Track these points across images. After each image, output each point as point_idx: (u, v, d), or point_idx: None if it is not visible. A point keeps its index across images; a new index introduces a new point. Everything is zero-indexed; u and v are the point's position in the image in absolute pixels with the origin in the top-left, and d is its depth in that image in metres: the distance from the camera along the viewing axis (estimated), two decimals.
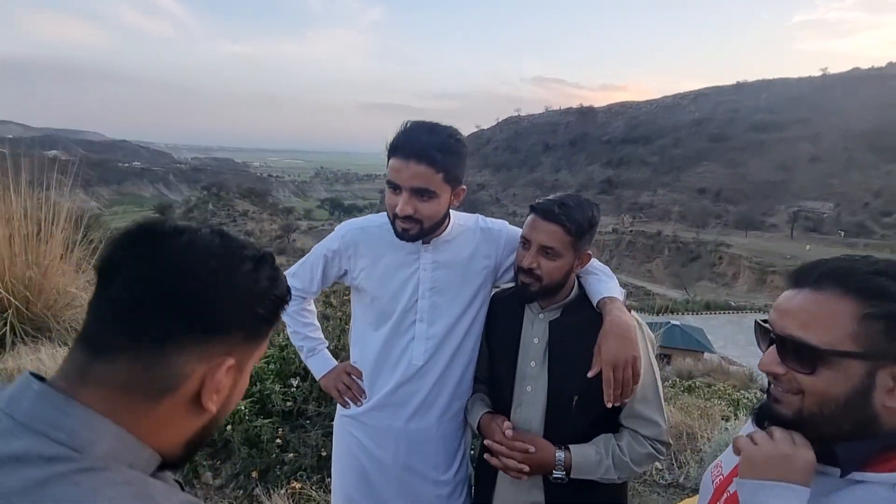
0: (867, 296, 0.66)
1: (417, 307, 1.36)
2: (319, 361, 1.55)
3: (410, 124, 1.26)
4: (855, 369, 0.66)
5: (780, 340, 0.72)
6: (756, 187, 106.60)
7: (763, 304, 48.90)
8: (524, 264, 1.23)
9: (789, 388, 0.72)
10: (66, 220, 5.24)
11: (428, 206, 1.25)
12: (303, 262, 1.51)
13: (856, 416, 0.67)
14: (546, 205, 1.22)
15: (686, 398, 6.72)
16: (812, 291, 0.70)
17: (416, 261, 1.37)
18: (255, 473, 2.47)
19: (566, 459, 1.19)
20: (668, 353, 19.56)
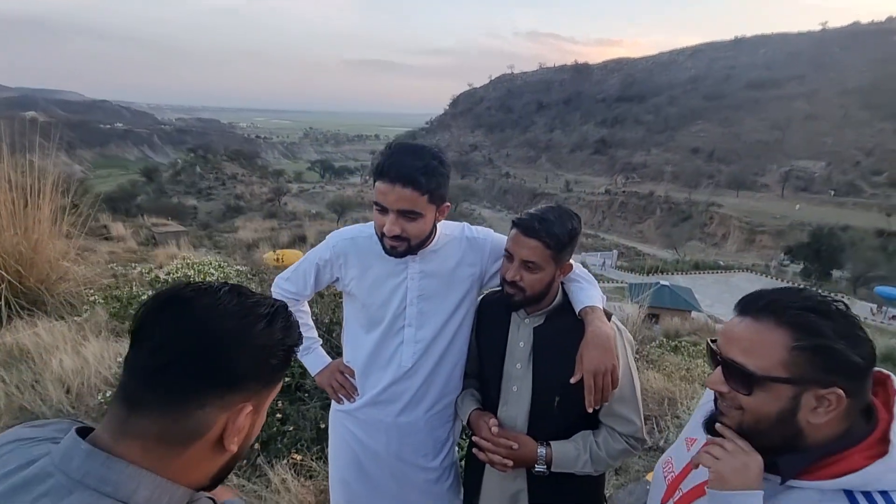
0: (797, 329, 0.76)
1: (406, 313, 1.44)
2: (314, 359, 1.63)
3: (395, 147, 1.32)
4: (784, 392, 0.77)
5: (725, 364, 0.83)
6: (749, 147, 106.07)
7: (751, 264, 49.75)
8: (508, 277, 1.30)
9: (732, 405, 0.84)
10: (52, 188, 5.16)
11: (414, 226, 1.32)
12: (296, 267, 1.58)
13: (784, 430, 0.79)
14: (527, 221, 1.28)
15: (671, 357, 6.96)
16: (753, 321, 0.81)
17: (405, 270, 1.43)
18: (258, 445, 2.58)
19: (547, 455, 1.29)
20: (656, 312, 20.02)
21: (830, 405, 0.75)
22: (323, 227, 42.05)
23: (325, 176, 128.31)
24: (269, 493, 2.29)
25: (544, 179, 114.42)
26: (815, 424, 0.77)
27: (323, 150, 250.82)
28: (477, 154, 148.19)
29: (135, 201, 48.63)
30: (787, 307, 0.78)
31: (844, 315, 0.78)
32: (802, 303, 0.78)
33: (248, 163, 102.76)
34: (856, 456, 0.76)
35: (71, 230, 5.57)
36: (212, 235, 31.56)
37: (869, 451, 0.76)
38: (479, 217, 75.57)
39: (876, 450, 0.76)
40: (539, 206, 1.33)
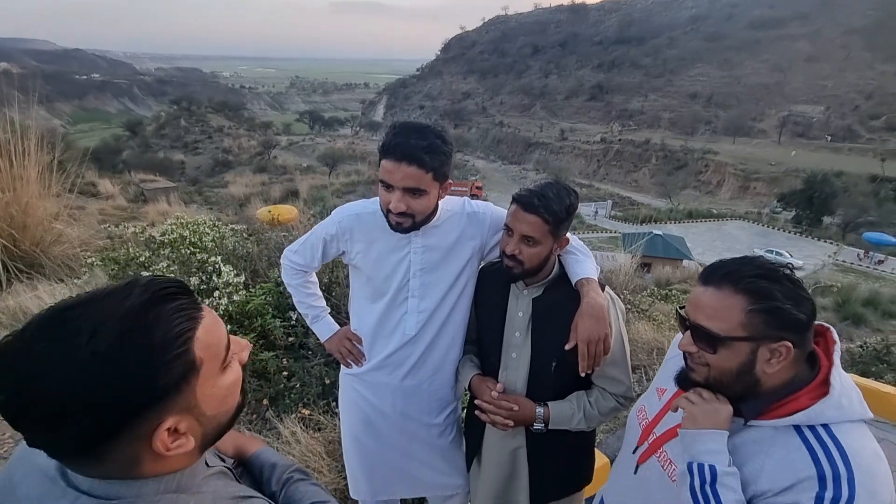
0: (752, 295, 0.89)
1: (409, 285, 1.51)
2: (323, 326, 1.71)
3: (400, 127, 1.35)
4: (743, 348, 0.91)
5: (692, 328, 0.97)
6: (749, 91, 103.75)
7: (744, 212, 50.03)
8: (507, 251, 1.36)
9: (699, 362, 0.97)
10: (37, 146, 5.03)
11: (419, 203, 1.37)
12: (304, 240, 1.63)
13: (744, 381, 0.93)
14: (527, 197, 1.33)
15: (661, 306, 7.17)
16: (715, 290, 0.94)
17: (408, 245, 1.49)
18: (266, 401, 2.70)
19: (545, 414, 1.39)
20: (648, 262, 20.33)
21: (781, 356, 0.89)
22: (315, 181, 41.44)
23: (314, 127, 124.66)
24: (280, 445, 2.43)
25: (539, 128, 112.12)
26: (769, 373, 0.91)
27: (311, 99, 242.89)
28: (470, 102, 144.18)
29: (120, 157, 47.53)
30: (742, 276, 0.90)
31: (790, 279, 0.91)
32: (755, 271, 0.90)
33: (233, 115, 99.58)
34: (803, 398, 0.90)
35: (60, 189, 5.49)
36: (202, 191, 31.11)
37: (813, 393, 0.91)
38: (473, 168, 74.65)
39: (819, 391, 0.90)
40: (538, 183, 1.38)
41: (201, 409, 0.62)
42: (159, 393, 0.56)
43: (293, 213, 12.33)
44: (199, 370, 0.60)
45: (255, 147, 71.21)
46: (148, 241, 5.35)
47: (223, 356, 0.64)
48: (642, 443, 1.15)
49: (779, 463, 0.88)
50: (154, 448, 0.58)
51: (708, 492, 0.89)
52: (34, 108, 6.54)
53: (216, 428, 0.66)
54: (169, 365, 0.56)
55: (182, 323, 0.58)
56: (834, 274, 27.08)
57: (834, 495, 0.81)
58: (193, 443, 0.62)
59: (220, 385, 0.64)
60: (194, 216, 7.20)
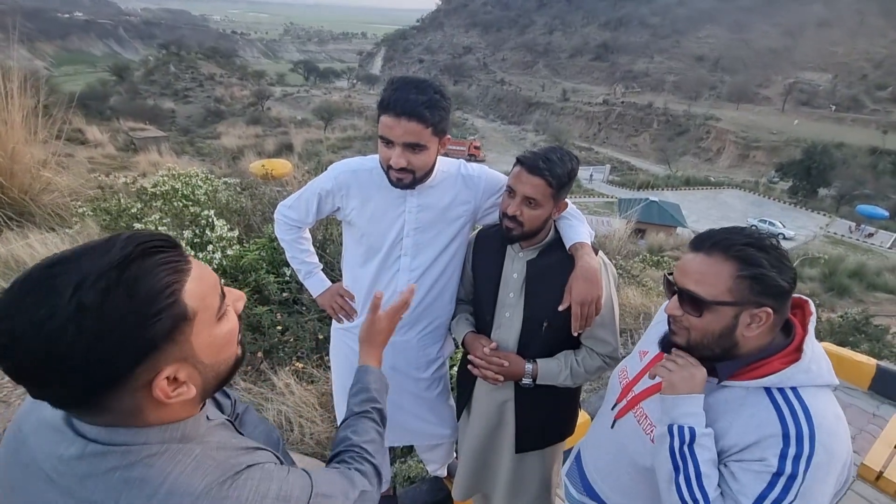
0: (741, 262, 0.93)
1: (403, 244, 1.53)
2: (316, 282, 1.73)
3: (399, 82, 1.35)
4: (727, 312, 0.96)
5: (680, 292, 1.01)
6: (757, 55, 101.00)
7: (741, 180, 49.87)
8: (509, 211, 1.38)
9: (682, 325, 1.02)
10: (20, 89, 4.86)
11: (419, 158, 1.38)
12: (299, 195, 1.62)
13: (724, 343, 0.98)
14: (532, 159, 1.35)
15: (652, 272, 7.26)
16: (705, 256, 0.98)
17: (403, 203, 1.51)
18: (261, 354, 2.76)
19: (533, 370, 1.46)
20: (643, 228, 20.45)
21: (761, 321, 0.94)
22: (310, 135, 40.56)
23: (309, 79, 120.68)
24: (274, 395, 2.50)
25: (541, 87, 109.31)
26: (748, 337, 0.96)
27: (306, 48, 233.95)
28: (471, 57, 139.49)
29: (107, 103, 46.05)
30: (733, 244, 0.95)
31: (776, 248, 0.95)
32: (745, 240, 0.95)
33: (225, 62, 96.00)
34: (775, 362, 0.97)
35: (46, 136, 5.35)
36: (193, 141, 30.43)
37: (786, 359, 0.97)
38: (472, 127, 73.24)
39: (791, 357, 0.97)
40: (542, 147, 1.40)
41: (199, 358, 0.64)
42: (150, 345, 0.57)
43: (287, 168, 12.14)
44: (193, 320, 0.61)
45: (249, 97, 69.12)
46: (139, 192, 5.28)
47: (217, 306, 0.65)
48: (621, 400, 1.22)
49: (747, 421, 0.94)
50: (155, 397, 0.60)
51: (686, 452, 0.95)
52: (15, 47, 6.26)
53: (216, 377, 0.68)
54: (156, 317, 0.57)
55: (167, 276, 0.59)
56: (824, 245, 27.40)
57: (796, 452, 0.87)
58: (194, 391, 0.64)
59: (217, 334, 0.65)
60: (187, 168, 7.08)
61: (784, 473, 0.88)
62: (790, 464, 0.88)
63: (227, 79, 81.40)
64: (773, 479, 0.89)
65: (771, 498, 0.88)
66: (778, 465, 0.88)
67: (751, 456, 0.92)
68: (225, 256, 3.24)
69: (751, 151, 64.15)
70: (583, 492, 1.30)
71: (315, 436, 2.38)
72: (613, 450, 1.21)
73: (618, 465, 1.19)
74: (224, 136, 34.13)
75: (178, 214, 4.53)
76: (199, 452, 0.63)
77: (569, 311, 1.37)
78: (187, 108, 63.76)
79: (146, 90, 69.97)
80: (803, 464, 0.87)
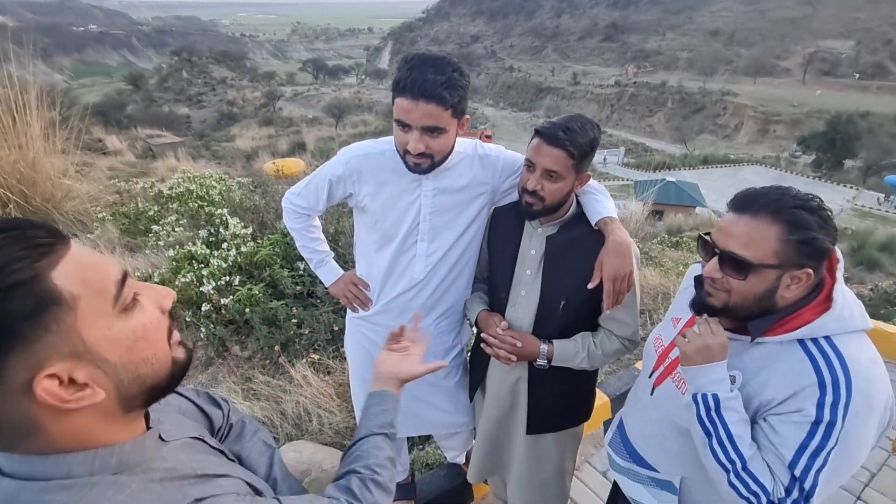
0: (791, 225, 0.91)
1: (419, 229, 1.46)
2: (328, 271, 1.69)
3: (414, 60, 1.26)
4: (770, 275, 0.95)
5: (723, 255, 0.98)
6: (774, 26, 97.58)
7: (761, 156, 48.47)
8: (529, 186, 1.30)
9: (721, 288, 1.00)
10: (38, 101, 4.99)
11: (438, 142, 1.31)
12: (307, 182, 1.55)
13: (764, 304, 0.98)
14: (551, 129, 1.26)
15: (671, 253, 7.14)
16: (751, 218, 0.95)
17: (419, 187, 1.43)
18: (278, 348, 2.80)
19: (549, 351, 1.39)
20: (660, 209, 20.05)
21: (801, 282, 0.94)
22: (322, 133, 40.77)
23: (318, 77, 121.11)
24: (292, 388, 2.54)
25: (550, 72, 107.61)
26: (786, 297, 0.96)
27: (313, 47, 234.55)
28: (478, 46, 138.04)
29: (124, 111, 46.97)
30: (783, 206, 0.92)
31: (822, 208, 0.93)
32: (794, 202, 0.93)
33: (236, 65, 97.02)
34: (806, 313, 0.96)
35: (66, 146, 5.49)
36: (209, 145, 30.88)
37: (817, 308, 0.96)
38: (482, 116, 72.69)
39: (822, 307, 0.96)
40: (561, 116, 1.30)
41: (100, 355, 0.54)
42: (7, 331, 0.48)
43: (300, 167, 12.25)
44: (75, 307, 0.52)
45: (260, 98, 69.76)
46: (157, 195, 5.40)
47: (113, 293, 0.55)
48: (658, 367, 1.21)
49: (783, 374, 0.94)
50: (40, 399, 0.49)
51: (714, 417, 0.97)
52: (32, 62, 6.42)
53: (137, 381, 0.57)
54: (6, 295, 0.48)
55: (21, 251, 0.50)
56: (851, 219, 26.51)
57: (834, 399, 0.88)
58: (102, 394, 0.54)
59: (120, 328, 0.55)
60: (202, 171, 7.19)
61: (823, 421, 0.88)
62: (828, 411, 0.88)
63: (238, 81, 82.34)
64: (813, 428, 0.89)
65: (812, 446, 0.89)
66: (816, 414, 0.89)
67: (789, 408, 0.92)
68: (239, 253, 3.28)
69: (771, 126, 62.25)
70: (629, 459, 1.29)
71: (333, 426, 2.40)
72: (656, 416, 1.20)
73: (662, 430, 1.18)
74: (238, 139, 34.56)
75: (194, 215, 4.61)
76: (135, 487, 0.54)
77: (588, 290, 1.32)
78: (201, 112, 64.69)
79: (161, 97, 71.19)
80: (841, 410, 0.87)
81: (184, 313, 3.06)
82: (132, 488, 0.53)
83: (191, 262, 3.30)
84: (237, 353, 2.97)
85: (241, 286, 3.05)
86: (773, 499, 0.93)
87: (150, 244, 4.02)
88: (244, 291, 2.98)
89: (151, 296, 0.61)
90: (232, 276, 3.13)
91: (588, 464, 2.44)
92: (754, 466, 0.94)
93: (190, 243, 3.55)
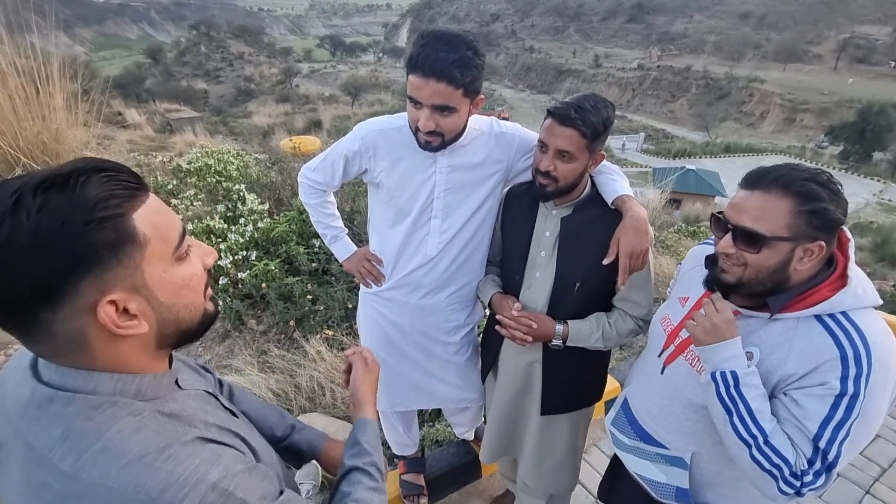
0: (801, 197, 0.94)
1: (433, 206, 1.47)
2: (342, 247, 1.71)
3: (428, 37, 1.25)
4: (783, 248, 0.97)
5: (736, 230, 1.01)
6: (807, 9, 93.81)
7: (786, 146, 47.13)
8: (542, 167, 1.30)
9: (736, 263, 1.02)
10: (60, 73, 5.04)
11: (449, 121, 1.31)
12: (323, 158, 1.56)
13: (777, 277, 1.00)
14: (563, 109, 1.25)
15: (687, 242, 7.04)
16: (763, 193, 0.98)
17: (433, 164, 1.44)
18: (293, 323, 2.85)
19: (564, 332, 1.40)
20: (679, 198, 19.71)
21: (813, 254, 0.97)
22: (338, 111, 40.64)
23: (335, 54, 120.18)
24: (307, 362, 2.59)
25: (571, 54, 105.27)
26: (799, 270, 0.99)
27: (331, 23, 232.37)
28: (499, 24, 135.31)
29: (143, 85, 47.26)
30: (793, 180, 0.95)
31: (832, 182, 0.97)
32: (803, 175, 0.96)
33: (253, 40, 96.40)
34: (823, 290, 0.99)
35: (87, 118, 5.55)
36: (226, 121, 31.01)
37: (833, 285, 0.99)
38: (500, 98, 71.62)
39: (837, 283, 0.99)
40: (574, 95, 1.29)
41: (153, 292, 0.61)
42: (91, 254, 0.54)
43: (316, 145, 12.25)
44: (145, 248, 0.59)
45: (277, 75, 69.55)
46: (175, 169, 5.46)
47: (175, 243, 0.63)
48: (668, 346, 1.22)
49: (803, 348, 0.97)
50: (100, 320, 0.56)
51: (734, 393, 0.99)
52: (54, 33, 6.45)
53: (174, 322, 0.65)
54: (100, 224, 0.54)
55: (116, 189, 0.57)
56: (877, 213, 25.79)
57: (857, 372, 0.91)
58: (146, 327, 0.61)
59: (173, 273, 0.63)
60: (220, 147, 7.24)
61: (847, 394, 0.91)
62: (852, 384, 0.91)
63: (255, 57, 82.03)
64: (837, 401, 0.92)
65: (836, 419, 0.92)
66: (841, 387, 0.92)
67: (811, 382, 0.95)
68: (256, 229, 3.32)
69: (798, 114, 60.33)
70: (635, 437, 1.31)
71: (346, 400, 2.45)
72: (668, 394, 1.21)
73: (674, 408, 1.20)
74: (255, 115, 34.61)
75: (212, 190, 4.67)
76: (146, 414, 0.59)
77: (603, 270, 1.32)
78: (219, 87, 64.78)
79: (179, 72, 71.40)
80: (863, 382, 0.91)
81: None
82: (143, 414, 0.59)
83: (209, 237, 3.36)
84: (253, 326, 3.03)
85: (258, 261, 3.10)
86: (797, 470, 0.95)
87: None
88: (261, 267, 3.03)
89: (199, 252, 0.69)
90: (249, 251, 3.18)
91: (596, 447, 2.46)
92: (776, 440, 0.96)
93: (208, 218, 3.60)
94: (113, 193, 0.56)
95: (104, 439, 0.55)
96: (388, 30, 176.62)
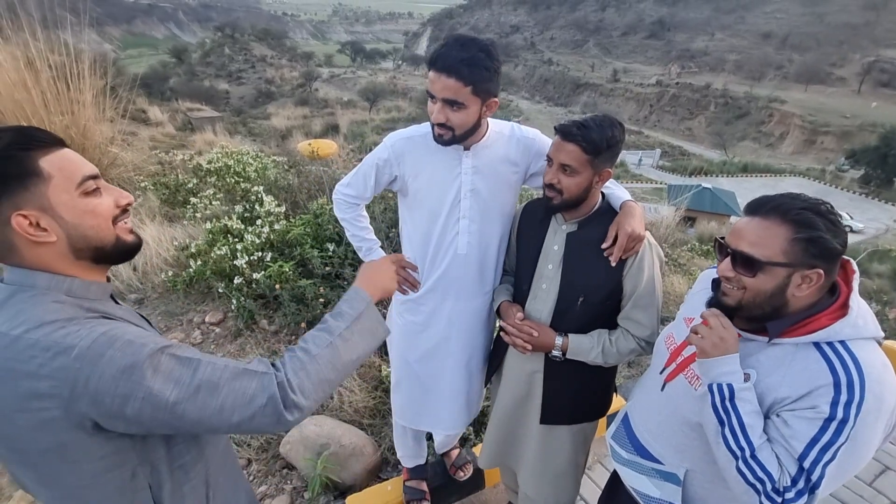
0: (798, 224, 0.98)
1: (461, 206, 1.55)
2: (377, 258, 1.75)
3: (449, 40, 1.36)
4: (780, 273, 1.00)
5: (734, 254, 1.05)
6: (832, 31, 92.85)
7: (805, 168, 46.49)
8: (546, 179, 1.40)
9: (735, 286, 1.06)
10: (90, 70, 5.18)
11: (457, 116, 1.38)
12: (356, 172, 1.64)
13: (774, 302, 1.03)
14: (567, 126, 1.34)
15: (700, 262, 6.97)
16: (762, 219, 1.02)
17: (459, 166, 1.52)
18: (304, 325, 2.89)
19: (564, 344, 1.45)
20: (693, 216, 19.54)
21: (812, 282, 0.99)
22: (356, 116, 41.14)
23: (356, 60, 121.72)
24: None
25: (590, 67, 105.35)
26: (798, 297, 1.01)
27: (353, 30, 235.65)
28: (518, 36, 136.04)
29: (167, 84, 48.26)
30: (790, 208, 0.99)
31: (831, 213, 1.00)
32: (801, 204, 1.00)
33: (276, 43, 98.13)
34: (823, 318, 1.01)
35: (113, 115, 5.70)
36: (246, 122, 31.52)
37: (833, 315, 1.01)
38: (516, 109, 71.81)
39: (838, 313, 1.01)
40: (584, 115, 1.39)
41: (58, 213, 0.79)
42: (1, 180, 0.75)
43: (333, 148, 12.36)
44: (48, 180, 0.78)
45: (297, 78, 70.60)
46: (195, 168, 5.58)
47: (78, 181, 0.81)
48: (670, 364, 1.25)
49: (799, 373, 0.99)
50: (15, 229, 0.76)
51: (728, 406, 1.02)
52: (86, 30, 6.65)
53: (83, 239, 0.82)
54: (4, 161, 0.75)
55: (23, 138, 0.78)
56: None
57: (847, 398, 0.93)
58: (55, 238, 0.80)
59: (79, 202, 0.81)
60: (238, 147, 7.36)
61: (836, 418, 0.93)
62: (841, 409, 0.93)
63: (277, 60, 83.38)
64: (825, 424, 0.94)
65: (823, 441, 0.94)
66: (830, 411, 0.93)
67: (803, 405, 0.97)
68: (272, 230, 3.38)
69: (818, 137, 59.57)
70: (633, 452, 1.33)
71: (353, 404, 2.48)
72: (666, 411, 1.25)
73: (671, 425, 1.23)
74: (274, 117, 35.16)
75: (231, 190, 4.76)
76: (68, 303, 0.79)
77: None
78: (240, 88, 65.95)
79: (203, 72, 72.85)
80: (854, 409, 0.92)
81: (217, 284, 3.18)
82: (64, 302, 0.79)
83: (226, 236, 3.42)
84: (265, 326, 3.08)
85: (273, 263, 3.15)
86: (779, 487, 0.98)
87: (188, 215, 4.17)
88: (275, 268, 3.08)
89: (113, 193, 0.87)
90: (264, 252, 3.23)
91: (600, 464, 2.45)
92: (763, 455, 0.98)
93: (226, 217, 3.67)
94: (19, 142, 0.77)
95: (27, 313, 0.76)
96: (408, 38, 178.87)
